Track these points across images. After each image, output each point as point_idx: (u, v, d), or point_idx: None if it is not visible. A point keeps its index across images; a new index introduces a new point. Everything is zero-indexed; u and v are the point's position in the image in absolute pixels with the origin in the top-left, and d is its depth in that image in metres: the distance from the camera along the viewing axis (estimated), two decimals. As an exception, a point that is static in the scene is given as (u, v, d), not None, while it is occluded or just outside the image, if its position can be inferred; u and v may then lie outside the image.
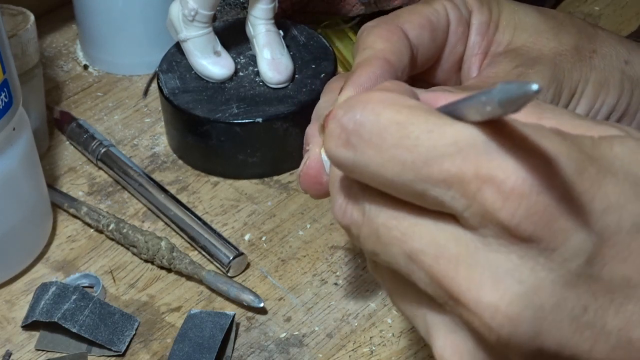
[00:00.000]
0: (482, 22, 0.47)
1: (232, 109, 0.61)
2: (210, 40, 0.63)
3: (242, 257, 0.56)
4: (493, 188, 0.28)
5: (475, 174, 0.28)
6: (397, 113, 0.29)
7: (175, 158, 0.65)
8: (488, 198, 0.28)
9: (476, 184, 0.28)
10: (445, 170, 0.28)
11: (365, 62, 0.42)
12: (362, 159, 0.30)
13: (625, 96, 0.47)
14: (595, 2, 0.79)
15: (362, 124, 0.30)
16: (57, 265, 0.58)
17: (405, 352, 0.51)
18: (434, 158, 0.29)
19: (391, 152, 0.29)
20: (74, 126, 0.66)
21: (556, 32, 0.47)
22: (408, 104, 0.30)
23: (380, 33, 0.44)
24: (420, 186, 0.29)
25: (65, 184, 0.64)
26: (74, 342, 0.52)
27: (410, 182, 0.29)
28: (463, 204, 0.28)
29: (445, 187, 0.29)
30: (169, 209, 0.59)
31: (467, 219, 0.29)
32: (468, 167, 0.28)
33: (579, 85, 0.46)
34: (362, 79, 0.42)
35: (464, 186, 0.28)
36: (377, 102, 0.30)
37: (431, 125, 0.29)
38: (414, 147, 0.29)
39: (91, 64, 0.74)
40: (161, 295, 0.56)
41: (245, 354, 0.52)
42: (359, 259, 0.57)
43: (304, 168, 0.43)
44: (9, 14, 0.61)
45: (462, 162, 0.28)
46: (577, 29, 0.47)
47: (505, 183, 0.27)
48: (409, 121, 0.29)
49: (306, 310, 0.54)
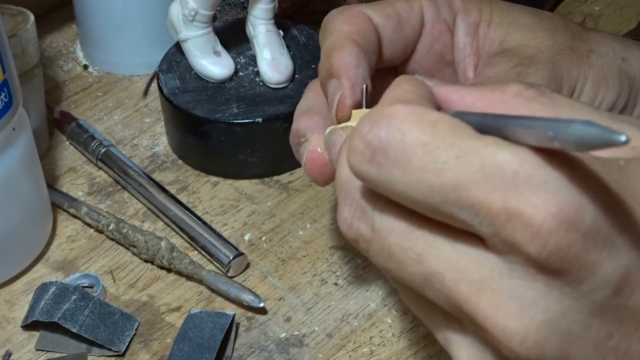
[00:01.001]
0: (469, 24, 0.47)
1: (232, 109, 0.61)
2: (210, 40, 0.63)
3: (242, 257, 0.56)
4: (521, 222, 0.27)
5: (503, 206, 0.28)
6: (423, 133, 0.29)
7: (175, 158, 0.65)
8: (516, 231, 0.28)
9: (504, 217, 0.28)
10: (473, 197, 0.28)
11: (336, 45, 0.43)
12: (387, 178, 0.30)
13: (624, 93, 0.47)
14: (595, 2, 0.79)
15: (388, 142, 0.29)
16: (57, 265, 0.58)
17: (405, 352, 0.51)
18: (462, 184, 0.28)
19: (418, 175, 0.29)
20: (74, 126, 0.66)
21: (551, 33, 0.47)
22: (432, 121, 0.29)
23: (344, 18, 0.44)
24: (448, 209, 0.29)
25: (65, 184, 0.63)
26: (74, 342, 0.52)
27: (437, 204, 0.29)
28: (491, 230, 0.28)
29: (473, 212, 0.28)
30: (169, 209, 0.59)
31: (494, 245, 0.29)
32: (496, 198, 0.28)
33: (577, 83, 0.46)
34: (347, 60, 0.42)
35: (491, 216, 0.28)
36: (402, 119, 0.29)
37: (458, 150, 0.28)
38: (441, 171, 0.28)
39: (91, 64, 0.74)
40: (161, 295, 0.56)
41: (245, 354, 0.52)
42: (358, 259, 0.57)
43: (308, 154, 0.43)
44: (9, 14, 0.61)
45: (489, 192, 0.28)
46: (571, 32, 0.47)
47: (533, 218, 0.27)
48: (435, 143, 0.29)
49: (306, 310, 0.54)
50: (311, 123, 0.44)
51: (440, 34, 0.47)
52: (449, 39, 0.48)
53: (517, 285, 0.29)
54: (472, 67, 0.47)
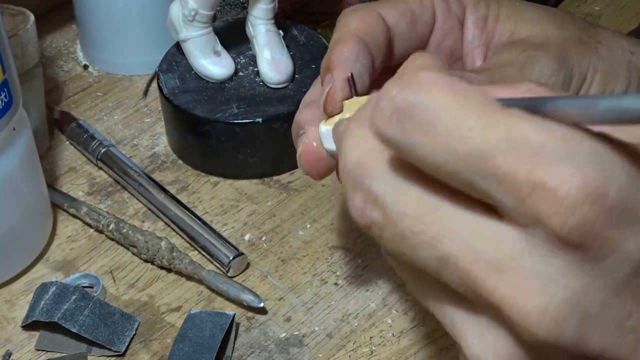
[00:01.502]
0: (479, 17, 0.48)
1: (232, 109, 0.61)
2: (210, 40, 0.63)
3: (242, 257, 0.56)
4: (546, 194, 0.27)
5: (527, 176, 0.27)
6: (451, 100, 0.29)
7: (175, 158, 0.65)
8: (540, 203, 0.27)
9: (528, 187, 0.27)
10: (497, 166, 0.28)
11: (340, 40, 0.43)
12: (411, 141, 0.29)
13: (633, 85, 0.47)
14: (595, 2, 0.80)
15: (415, 106, 0.29)
16: (57, 265, 0.58)
17: (405, 352, 0.51)
18: (487, 152, 0.28)
19: (443, 141, 0.29)
20: (74, 126, 0.66)
21: (559, 26, 0.47)
22: (462, 89, 0.29)
23: (356, 15, 0.44)
24: (471, 177, 0.28)
25: (65, 184, 0.63)
26: (74, 342, 0.52)
27: (460, 172, 0.29)
28: (514, 202, 0.28)
29: (497, 182, 0.28)
30: (169, 209, 0.59)
31: (515, 218, 0.28)
32: (521, 168, 0.27)
33: (588, 72, 0.46)
34: (345, 54, 0.42)
35: (515, 186, 0.28)
36: (431, 84, 0.29)
37: (485, 119, 0.28)
38: (466, 138, 0.28)
39: (91, 64, 0.74)
40: (161, 295, 0.56)
41: (245, 354, 0.52)
42: (359, 259, 0.57)
43: (303, 146, 0.43)
44: (9, 14, 0.61)
45: (515, 162, 0.28)
46: (578, 26, 0.48)
47: (558, 190, 0.27)
48: (463, 111, 0.29)
49: (306, 310, 0.54)
50: (311, 115, 0.44)
51: (451, 29, 0.47)
52: (459, 34, 0.48)
53: (537, 262, 0.28)
54: (481, 58, 0.47)
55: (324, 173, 0.43)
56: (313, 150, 0.43)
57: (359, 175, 0.32)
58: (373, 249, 0.58)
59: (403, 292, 0.55)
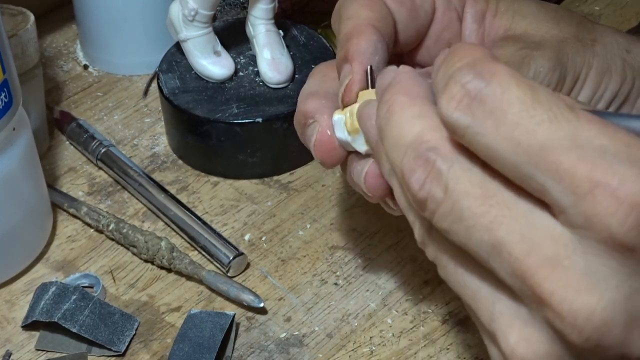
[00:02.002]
0: (477, 11, 0.48)
1: (232, 109, 0.61)
2: (210, 40, 0.63)
3: (242, 257, 0.56)
4: (607, 192, 0.27)
5: (588, 175, 0.28)
6: (523, 93, 0.29)
7: (175, 158, 0.65)
8: (600, 202, 0.28)
9: (588, 186, 0.28)
10: (560, 162, 0.28)
11: (355, 30, 0.43)
12: (478, 128, 0.30)
13: (627, 83, 0.47)
14: (595, 2, 0.80)
15: (487, 94, 0.30)
16: (57, 265, 0.58)
17: (405, 352, 0.51)
18: (551, 147, 0.28)
19: (509, 130, 0.29)
20: (74, 126, 0.66)
21: (556, 22, 0.47)
22: (532, 85, 0.30)
23: (362, 3, 0.44)
24: (530, 170, 0.29)
25: (65, 184, 0.63)
26: (74, 342, 0.52)
27: (521, 164, 0.29)
28: (571, 200, 0.28)
29: (556, 178, 0.28)
30: (169, 209, 0.59)
31: (570, 216, 0.28)
32: (583, 166, 0.28)
33: (582, 70, 0.46)
34: (364, 46, 0.42)
35: (575, 183, 0.28)
36: (505, 76, 0.30)
37: (554, 114, 0.29)
38: (533, 131, 0.29)
39: (91, 64, 0.74)
40: (161, 295, 0.56)
41: (245, 354, 0.52)
42: (359, 258, 0.57)
43: (317, 136, 0.43)
44: (9, 14, 0.61)
45: (577, 160, 0.28)
46: (576, 21, 0.48)
47: (620, 189, 0.27)
48: (533, 104, 0.29)
49: (306, 310, 0.54)
50: (319, 105, 0.44)
51: (450, 22, 0.47)
52: (458, 28, 0.48)
53: (590, 261, 0.28)
54: None
55: (337, 161, 0.43)
56: (327, 139, 0.43)
57: (423, 149, 0.32)
58: (373, 249, 0.58)
59: (403, 292, 0.55)
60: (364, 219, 0.60)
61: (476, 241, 0.30)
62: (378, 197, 0.42)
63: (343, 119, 0.42)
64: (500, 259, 0.30)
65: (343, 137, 0.42)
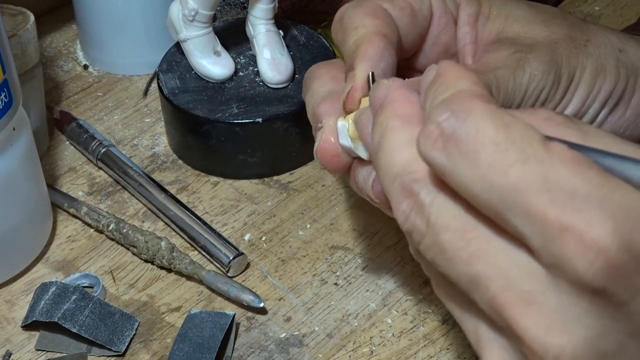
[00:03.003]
0: (470, 14, 0.48)
1: (232, 109, 0.61)
2: (210, 40, 0.63)
3: (242, 257, 0.56)
4: (575, 236, 0.28)
5: (557, 218, 0.28)
6: (496, 132, 0.30)
7: (175, 158, 0.65)
8: (568, 245, 0.28)
9: (557, 229, 0.28)
10: (530, 204, 0.28)
11: (365, 39, 0.43)
12: (453, 167, 0.30)
13: (621, 83, 0.47)
14: (595, 2, 0.80)
15: (462, 135, 0.30)
16: (57, 265, 0.58)
17: (405, 352, 0.51)
18: (522, 189, 0.29)
19: (483, 171, 0.29)
20: (74, 126, 0.66)
21: (548, 24, 0.47)
22: (507, 123, 0.30)
23: (366, 12, 0.44)
24: (504, 211, 0.29)
25: (65, 184, 0.64)
26: (74, 342, 0.52)
27: (495, 204, 0.29)
28: (542, 241, 0.28)
29: (528, 219, 0.29)
30: (169, 209, 0.59)
31: (542, 256, 0.29)
32: (552, 209, 0.28)
33: (576, 71, 0.46)
34: (370, 53, 0.42)
35: (546, 225, 0.28)
36: (479, 115, 0.30)
37: (525, 156, 0.29)
38: (505, 172, 0.29)
39: (91, 64, 0.74)
40: (161, 295, 0.56)
41: (245, 354, 0.52)
42: (359, 258, 0.57)
43: (320, 142, 0.43)
44: (9, 14, 0.61)
45: (547, 203, 0.28)
46: (568, 22, 0.48)
47: (586, 235, 0.28)
48: (506, 145, 0.29)
49: (306, 310, 0.54)
50: (330, 108, 0.44)
51: (447, 26, 0.48)
52: (454, 31, 0.48)
53: (562, 300, 0.29)
54: (471, 56, 0.48)
55: (340, 168, 0.43)
56: (330, 146, 0.43)
57: (408, 180, 0.33)
58: (373, 249, 0.58)
59: (403, 292, 0.55)
60: (364, 219, 0.60)
61: (457, 273, 0.31)
62: (384, 203, 0.42)
63: (346, 126, 0.42)
64: (479, 291, 0.31)
65: (346, 143, 0.42)
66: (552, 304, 0.29)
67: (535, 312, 0.29)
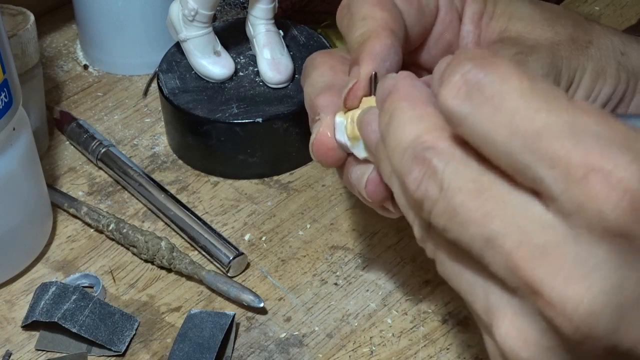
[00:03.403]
0: (475, 12, 0.48)
1: (232, 109, 0.61)
2: (210, 40, 0.63)
3: (242, 257, 0.56)
4: (601, 177, 0.28)
5: (584, 160, 0.28)
6: (522, 82, 0.30)
7: (175, 158, 0.65)
8: (593, 186, 0.28)
9: (584, 170, 0.28)
10: (555, 149, 0.28)
11: (372, 32, 0.42)
12: (475, 116, 0.30)
13: (622, 86, 0.47)
14: (595, 2, 0.80)
15: (486, 83, 0.30)
16: (57, 265, 0.58)
17: (405, 352, 0.51)
18: (547, 134, 0.29)
19: (506, 117, 0.29)
20: (74, 126, 0.66)
21: (552, 23, 0.47)
22: (531, 77, 0.30)
23: (375, 2, 0.44)
24: (525, 158, 0.29)
25: (65, 184, 0.64)
26: (74, 342, 0.52)
27: (516, 152, 0.29)
28: (563, 187, 0.28)
29: (549, 165, 0.29)
30: (169, 209, 0.59)
31: (561, 204, 0.29)
32: (579, 152, 0.28)
33: (576, 74, 0.46)
34: (377, 50, 0.42)
35: (569, 169, 0.28)
36: (504, 68, 0.30)
37: (552, 103, 0.29)
38: (530, 118, 0.29)
39: (91, 64, 0.74)
40: (161, 295, 0.56)
41: (245, 354, 0.52)
42: (358, 258, 0.57)
43: (317, 135, 0.43)
44: (9, 14, 0.61)
45: (573, 147, 0.28)
46: (572, 21, 0.48)
47: (614, 174, 0.28)
48: (532, 92, 0.29)
49: (306, 310, 0.54)
50: (329, 101, 0.44)
51: (452, 22, 0.47)
52: (459, 28, 0.48)
53: (579, 250, 0.29)
54: None
55: (335, 163, 0.43)
56: (326, 140, 0.43)
57: (420, 149, 0.32)
58: (373, 249, 0.58)
59: (403, 292, 0.55)
60: (364, 219, 0.60)
61: (470, 236, 0.31)
62: (376, 203, 0.42)
63: (344, 123, 0.42)
64: (493, 252, 0.30)
65: (343, 140, 0.42)
66: (569, 255, 0.29)
67: (552, 263, 0.29)
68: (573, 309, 0.29)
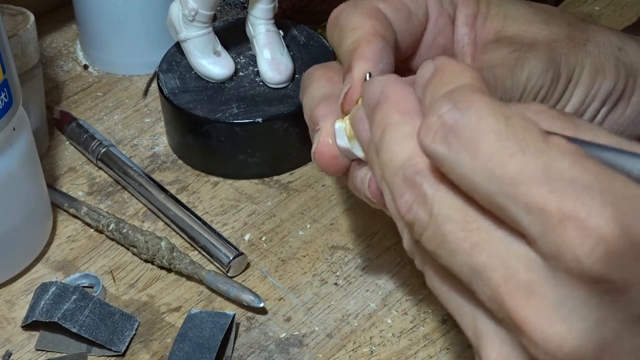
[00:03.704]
0: (468, 15, 0.48)
1: (232, 109, 0.61)
2: (210, 40, 0.63)
3: (242, 257, 0.56)
4: (576, 224, 0.28)
5: (559, 207, 0.28)
6: (497, 123, 0.30)
7: (175, 158, 0.65)
8: (569, 233, 0.28)
9: (559, 217, 0.28)
10: (531, 195, 0.29)
11: (362, 39, 0.43)
12: (454, 158, 0.30)
13: (621, 82, 0.47)
14: (595, 2, 0.80)
15: (463, 125, 0.30)
16: (57, 265, 0.58)
17: (405, 352, 0.51)
18: (522, 179, 0.29)
19: (483, 161, 0.30)
20: (74, 126, 0.66)
21: (547, 23, 0.47)
22: (508, 115, 0.30)
23: (363, 13, 0.44)
24: (503, 201, 0.29)
25: (65, 184, 0.64)
26: (74, 342, 0.52)
27: (494, 194, 0.29)
28: (541, 231, 0.29)
29: (526, 210, 0.29)
30: (169, 209, 0.59)
31: (541, 246, 0.29)
32: (553, 198, 0.28)
33: (575, 70, 0.46)
34: (368, 53, 0.42)
35: (545, 215, 0.28)
36: (480, 106, 0.30)
37: (527, 145, 0.29)
38: (506, 162, 0.29)
39: (91, 64, 0.74)
40: (161, 295, 0.56)
41: (245, 354, 0.52)
42: (358, 258, 0.57)
43: (317, 145, 0.43)
44: (9, 14, 0.61)
45: (547, 192, 0.28)
46: (567, 21, 0.48)
47: (588, 221, 0.28)
48: (507, 135, 0.29)
49: (306, 310, 0.54)
50: (327, 110, 0.44)
51: (444, 27, 0.47)
52: (451, 32, 0.48)
53: (559, 291, 0.29)
54: (470, 57, 0.48)
55: (338, 171, 0.43)
56: (328, 148, 0.43)
57: (411, 172, 0.33)
58: (373, 249, 0.58)
59: (403, 292, 0.55)
60: (364, 219, 0.60)
61: (459, 264, 0.31)
62: (380, 203, 0.42)
63: (344, 127, 0.42)
64: (481, 282, 0.31)
65: (344, 144, 0.42)
66: (551, 294, 0.29)
67: (536, 302, 0.29)
68: (556, 348, 0.29)
